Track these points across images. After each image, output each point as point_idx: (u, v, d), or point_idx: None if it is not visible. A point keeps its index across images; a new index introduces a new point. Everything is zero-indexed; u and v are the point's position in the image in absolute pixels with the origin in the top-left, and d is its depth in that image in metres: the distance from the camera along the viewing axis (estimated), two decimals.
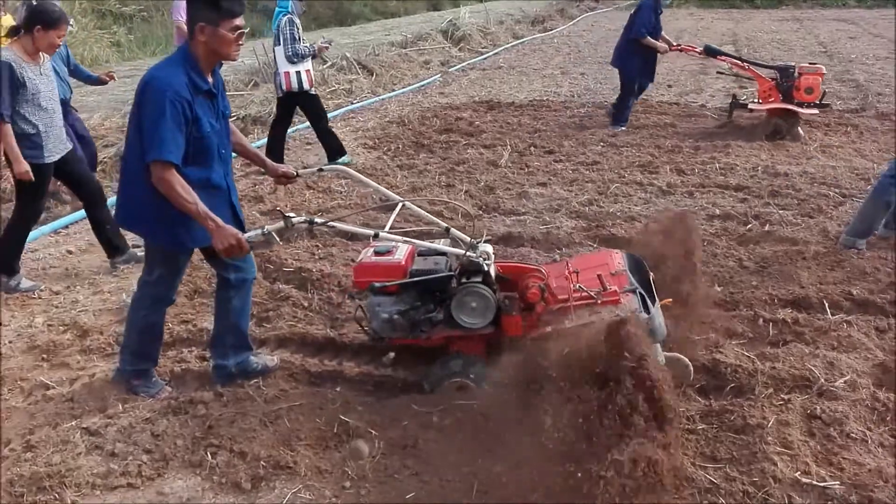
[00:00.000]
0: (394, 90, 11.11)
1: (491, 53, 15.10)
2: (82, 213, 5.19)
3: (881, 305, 4.00)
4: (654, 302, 3.10)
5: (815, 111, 7.79)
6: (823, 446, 2.86)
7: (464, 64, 13.70)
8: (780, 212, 5.45)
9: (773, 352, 3.53)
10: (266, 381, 3.37)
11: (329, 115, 9.04)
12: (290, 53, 6.56)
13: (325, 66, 11.33)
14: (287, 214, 2.98)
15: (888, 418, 3.04)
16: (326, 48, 7.28)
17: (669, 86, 10.91)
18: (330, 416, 3.06)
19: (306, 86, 6.71)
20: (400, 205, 3.47)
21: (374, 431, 2.96)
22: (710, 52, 8.38)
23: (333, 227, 3.20)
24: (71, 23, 5.72)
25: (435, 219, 3.49)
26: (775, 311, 3.93)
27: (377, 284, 3.15)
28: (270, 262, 4.66)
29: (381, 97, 10.54)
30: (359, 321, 3.46)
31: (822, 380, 3.22)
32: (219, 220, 2.89)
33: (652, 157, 7.11)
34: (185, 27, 3.17)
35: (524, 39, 17.31)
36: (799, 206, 5.57)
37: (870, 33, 16.65)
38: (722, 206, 5.61)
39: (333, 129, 7.26)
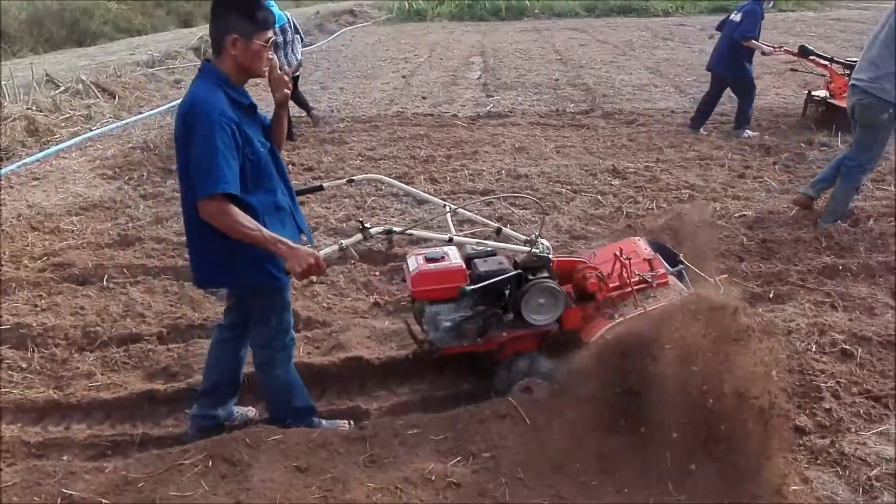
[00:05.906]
0: (140, 113, 10.34)
1: None
2: None
3: None
4: (684, 279, 3.31)
5: None
6: None
7: None
8: (520, 211, 5.85)
9: None
10: None
11: (63, 145, 8.26)
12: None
13: (57, 92, 10.27)
14: (365, 225, 2.82)
15: None
16: None
17: (424, 98, 11.28)
18: (51, 491, 2.71)
19: None
20: (449, 209, 3.38)
21: (104, 501, 2.67)
22: (805, 53, 8.64)
23: (412, 234, 3.05)
24: None
25: (486, 220, 3.51)
26: None
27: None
28: None
29: (124, 122, 9.74)
30: (411, 334, 3.35)
31: None
32: (289, 241, 2.62)
33: (408, 167, 7.30)
34: None
35: None
36: (536, 205, 6.01)
37: (597, 40, 18.54)
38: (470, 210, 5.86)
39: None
